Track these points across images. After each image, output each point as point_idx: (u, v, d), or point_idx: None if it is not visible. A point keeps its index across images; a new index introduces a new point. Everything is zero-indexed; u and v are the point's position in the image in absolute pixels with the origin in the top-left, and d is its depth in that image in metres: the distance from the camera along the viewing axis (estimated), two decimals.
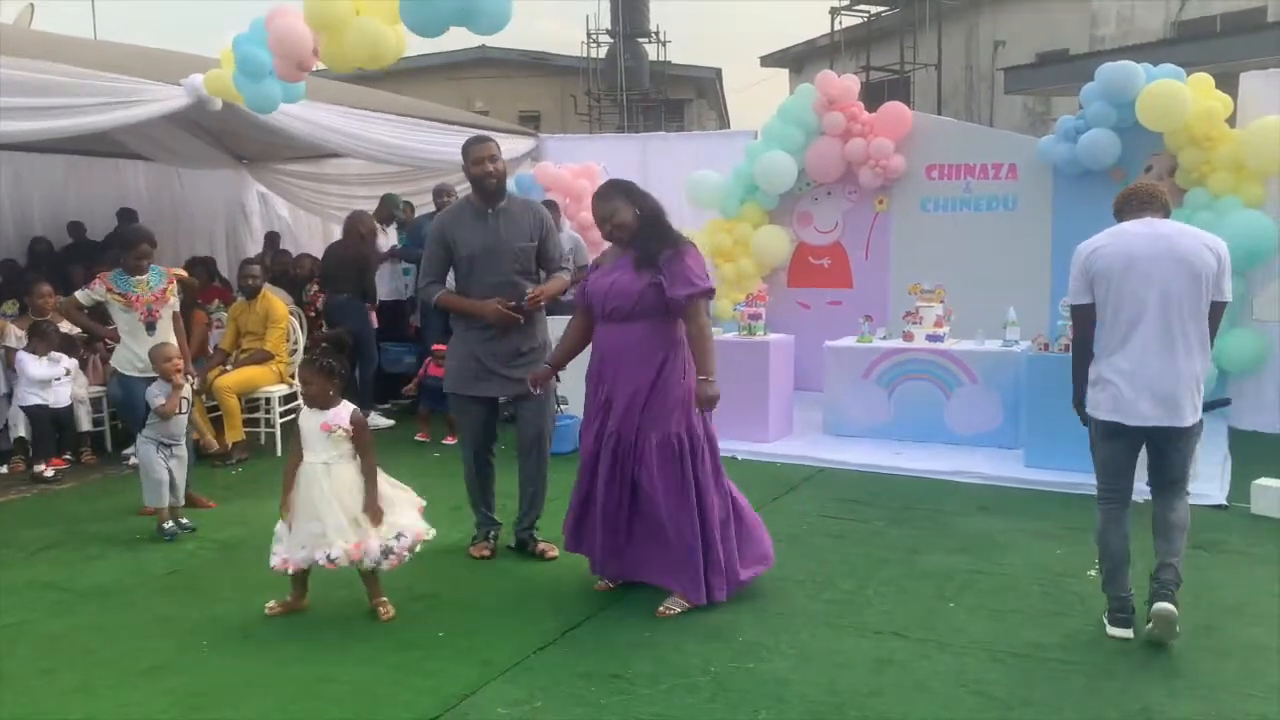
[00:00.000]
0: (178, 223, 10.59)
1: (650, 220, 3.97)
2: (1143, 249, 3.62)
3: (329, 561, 3.76)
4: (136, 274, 5.44)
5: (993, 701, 3.20)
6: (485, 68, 21.09)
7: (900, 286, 7.81)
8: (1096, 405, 3.73)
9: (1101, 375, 3.70)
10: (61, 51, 6.34)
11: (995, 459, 6.19)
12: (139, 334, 5.40)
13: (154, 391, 5.01)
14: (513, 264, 4.45)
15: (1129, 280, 3.60)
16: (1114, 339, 3.66)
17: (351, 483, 3.85)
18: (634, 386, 3.93)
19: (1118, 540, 3.73)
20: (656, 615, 3.88)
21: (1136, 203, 3.80)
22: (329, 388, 3.90)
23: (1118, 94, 7.09)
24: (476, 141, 4.50)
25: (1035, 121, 17.35)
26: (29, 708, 3.23)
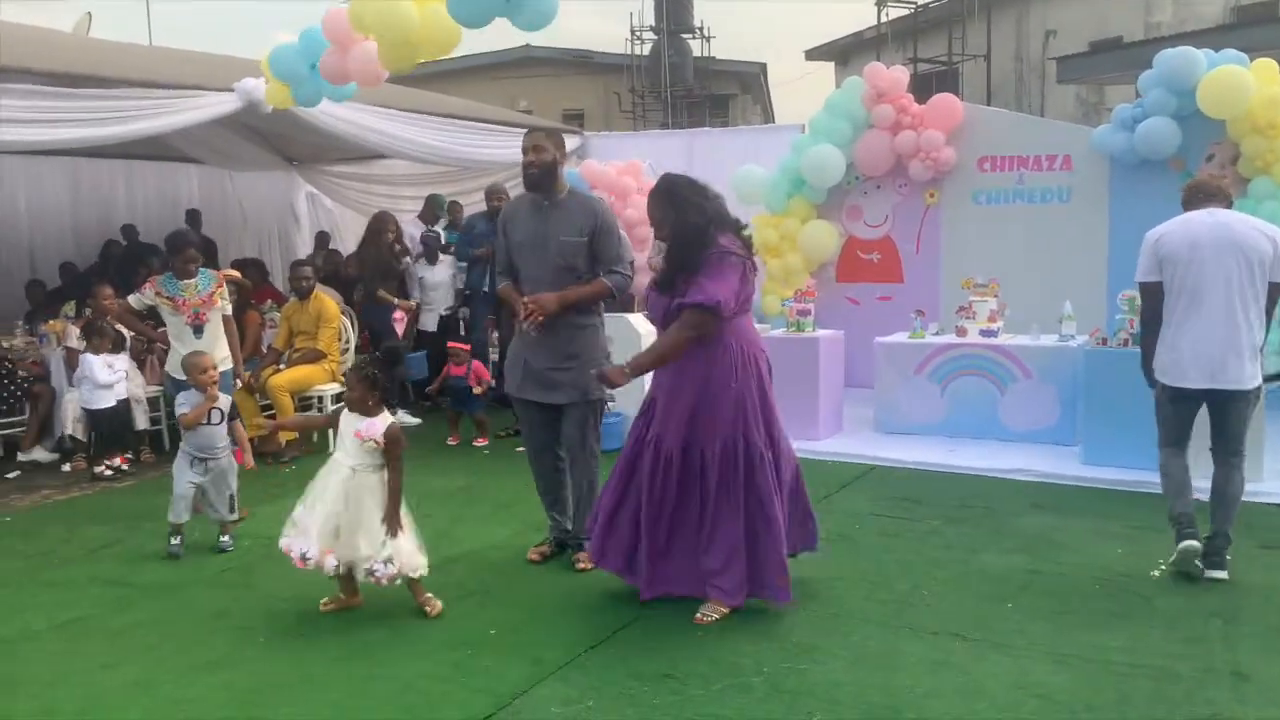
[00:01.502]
0: (229, 224, 10.78)
1: (678, 242, 3.86)
2: (1206, 235, 4.13)
3: (301, 559, 3.81)
4: (185, 278, 5.45)
5: (1054, 705, 3.12)
6: (529, 67, 21.15)
7: (952, 281, 7.68)
8: (1164, 372, 4.24)
9: (1171, 345, 4.20)
10: (117, 58, 6.48)
11: (1052, 456, 6.07)
12: (186, 337, 5.41)
13: (180, 400, 4.82)
14: (556, 258, 4.29)
15: (1194, 263, 4.11)
16: (1180, 314, 4.16)
17: (368, 493, 3.86)
18: (680, 398, 3.85)
19: (1179, 469, 4.30)
20: (694, 622, 3.78)
21: (1203, 195, 4.33)
22: (368, 397, 3.92)
23: (1178, 81, 6.91)
24: (527, 134, 4.45)
25: (1088, 112, 16.98)
26: (92, 701, 3.29)
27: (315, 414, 4.00)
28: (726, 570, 3.83)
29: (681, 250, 3.84)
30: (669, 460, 3.86)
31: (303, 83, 6.05)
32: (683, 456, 3.86)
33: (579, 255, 4.32)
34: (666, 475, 3.87)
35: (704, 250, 3.81)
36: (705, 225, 3.83)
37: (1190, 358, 4.13)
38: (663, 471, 3.87)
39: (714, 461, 3.83)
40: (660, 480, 3.88)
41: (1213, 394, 4.15)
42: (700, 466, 3.85)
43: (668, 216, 3.89)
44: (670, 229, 3.88)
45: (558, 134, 4.56)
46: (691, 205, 3.85)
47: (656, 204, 3.94)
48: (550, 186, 4.36)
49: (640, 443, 3.96)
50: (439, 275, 8.07)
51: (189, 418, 4.71)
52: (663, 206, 3.91)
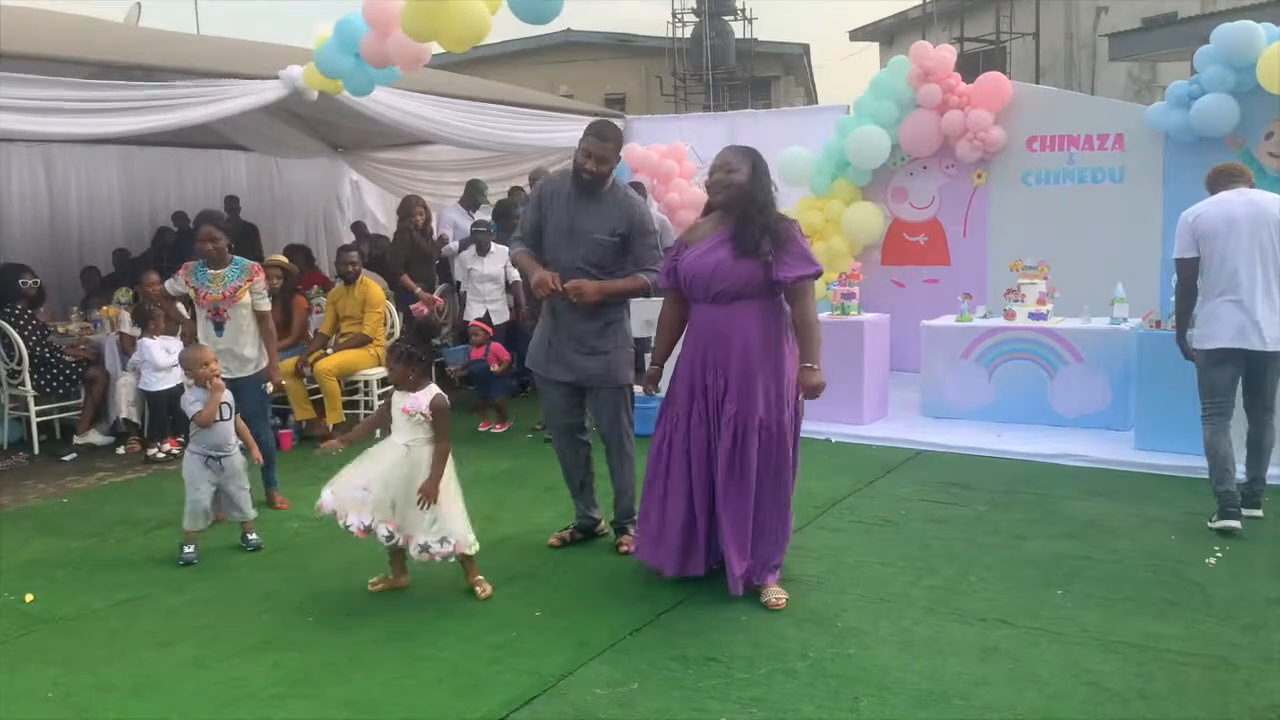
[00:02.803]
0: (275, 211, 10.92)
1: (760, 203, 3.80)
2: (1240, 212, 4.54)
3: (362, 530, 3.84)
4: (217, 266, 5.05)
5: (1106, 693, 3.07)
6: (570, 51, 21.13)
7: (1000, 263, 7.56)
8: (1207, 337, 4.59)
9: (1212, 313, 4.57)
10: (166, 47, 6.58)
11: (1103, 441, 5.96)
12: (209, 332, 5.03)
13: (189, 399, 4.52)
14: (586, 253, 4.23)
15: (1231, 237, 4.51)
16: (1220, 284, 4.53)
17: (422, 469, 3.89)
18: (753, 369, 3.77)
19: (1225, 445, 4.58)
20: (771, 608, 3.75)
21: (1228, 177, 4.73)
22: (408, 372, 3.95)
23: (1236, 56, 6.71)
24: (593, 133, 4.22)
25: (1141, 90, 16.59)
26: (147, 678, 3.36)
27: (369, 417, 4.06)
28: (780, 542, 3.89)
29: (762, 212, 3.78)
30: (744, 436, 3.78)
31: (353, 76, 6.11)
32: (755, 429, 3.78)
33: (609, 253, 4.27)
34: (743, 452, 3.79)
35: (785, 221, 3.83)
36: (774, 200, 3.89)
37: (1232, 323, 4.49)
38: (742, 448, 3.79)
39: (781, 431, 3.83)
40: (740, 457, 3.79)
41: (1252, 355, 4.52)
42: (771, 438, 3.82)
43: (751, 172, 3.81)
44: (754, 186, 3.80)
45: (620, 137, 4.32)
46: (768, 177, 3.88)
47: (739, 153, 3.85)
48: (599, 188, 4.28)
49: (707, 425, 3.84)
50: (489, 268, 7.65)
51: (205, 414, 4.47)
52: (746, 159, 3.83)
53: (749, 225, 3.78)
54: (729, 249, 3.80)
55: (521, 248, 4.46)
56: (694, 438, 3.88)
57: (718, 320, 3.83)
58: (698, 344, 3.90)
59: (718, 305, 3.83)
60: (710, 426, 3.86)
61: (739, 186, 3.80)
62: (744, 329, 3.80)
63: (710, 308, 3.85)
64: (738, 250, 3.77)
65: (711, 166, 3.90)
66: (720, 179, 3.83)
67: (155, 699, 3.22)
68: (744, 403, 3.79)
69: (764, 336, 3.81)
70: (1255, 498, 4.68)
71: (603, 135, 4.21)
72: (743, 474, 3.80)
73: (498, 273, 7.63)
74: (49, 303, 7.99)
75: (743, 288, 3.78)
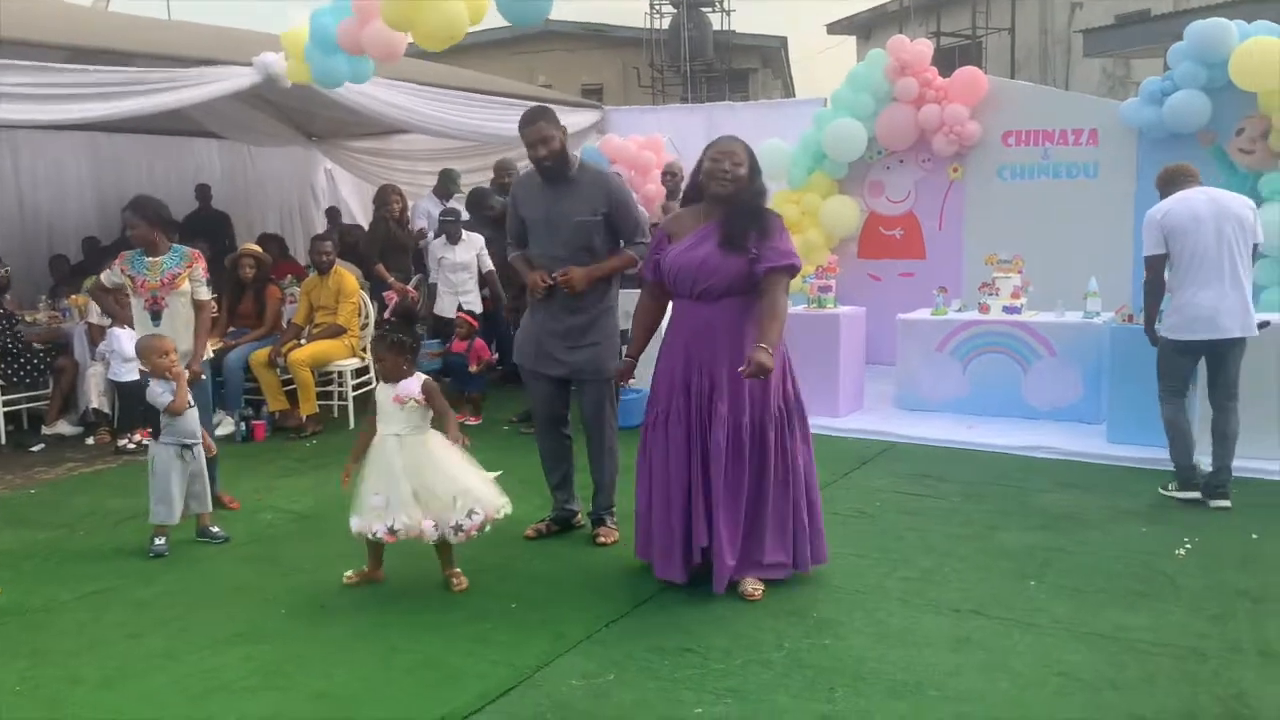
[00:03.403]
0: (249, 199, 10.80)
1: (753, 198, 3.79)
2: (1205, 209, 4.79)
3: (389, 534, 3.79)
4: (155, 253, 4.83)
5: (1078, 683, 3.10)
6: (547, 41, 21.00)
7: (975, 257, 7.60)
8: (1178, 329, 4.82)
9: (1180, 305, 4.79)
10: (136, 32, 6.48)
11: (1076, 434, 6.01)
12: (144, 322, 4.80)
13: (156, 390, 4.39)
14: (571, 237, 4.23)
15: (1199, 233, 4.75)
16: (1190, 278, 4.76)
17: (423, 455, 3.86)
18: (731, 368, 3.69)
19: (1184, 421, 4.92)
20: (747, 598, 3.75)
21: (1183, 177, 4.99)
22: (401, 362, 3.92)
23: (1209, 53, 6.78)
24: (525, 124, 4.21)
25: (1115, 86, 16.75)
26: (117, 670, 3.32)
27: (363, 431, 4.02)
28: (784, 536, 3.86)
29: (754, 206, 3.77)
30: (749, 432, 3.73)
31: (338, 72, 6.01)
32: (751, 428, 3.74)
33: (595, 234, 4.25)
34: (739, 449, 3.73)
35: (774, 216, 3.83)
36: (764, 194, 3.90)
37: (1201, 314, 4.75)
38: (735, 447, 3.73)
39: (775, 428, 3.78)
40: (738, 456, 3.73)
41: (1216, 344, 4.78)
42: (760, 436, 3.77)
43: (751, 168, 3.79)
44: (753, 181, 3.79)
45: (552, 113, 4.27)
46: (761, 175, 3.87)
47: (739, 143, 3.82)
48: (565, 170, 4.26)
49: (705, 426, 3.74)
50: (461, 256, 7.49)
51: (178, 404, 4.37)
52: (746, 154, 3.80)
53: (737, 220, 3.73)
54: (715, 244, 3.73)
55: (515, 253, 4.46)
56: (672, 436, 3.80)
57: (704, 317, 3.76)
58: (682, 341, 3.82)
59: (704, 302, 3.75)
60: (691, 425, 3.77)
61: (743, 180, 3.76)
62: (731, 327, 3.73)
63: (696, 304, 3.77)
64: (724, 245, 3.71)
65: (713, 155, 3.78)
66: (728, 169, 3.73)
67: (125, 691, 3.18)
68: (734, 402, 3.72)
69: (751, 335, 3.72)
70: (1223, 488, 4.78)
71: (531, 121, 4.20)
72: (736, 473, 3.75)
73: (470, 261, 7.47)
74: (16, 292, 7.86)
75: (729, 284, 3.72)
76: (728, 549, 3.75)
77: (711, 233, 3.76)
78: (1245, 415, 5.16)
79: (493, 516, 3.90)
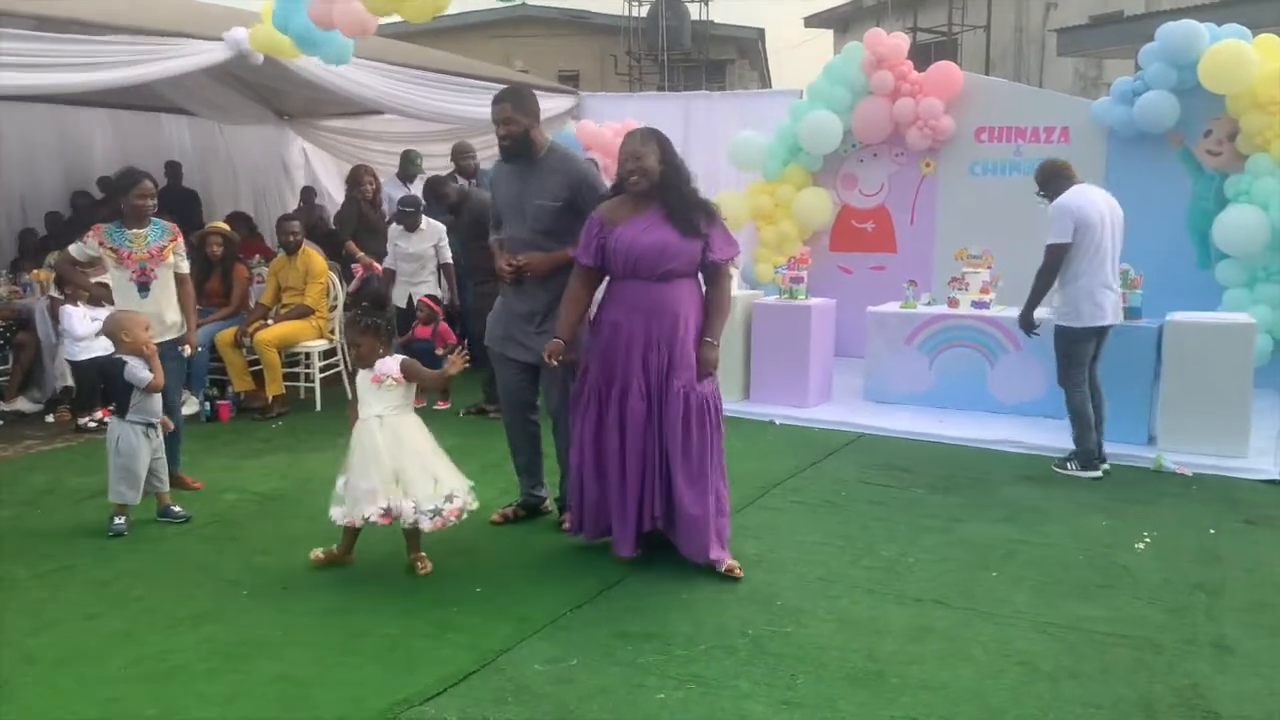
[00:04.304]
0: (220, 178, 10.65)
1: (683, 182, 3.89)
2: (1102, 205, 5.23)
3: (384, 514, 3.77)
4: (136, 225, 4.76)
5: (1037, 673, 3.14)
6: (525, 26, 20.87)
7: (946, 252, 7.65)
8: (1088, 316, 5.20)
9: (1086, 293, 5.17)
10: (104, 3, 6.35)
11: (1039, 428, 6.07)
12: (130, 295, 4.71)
13: (136, 367, 4.34)
14: (532, 221, 4.21)
15: (1101, 227, 5.16)
16: (1095, 269, 5.16)
17: (406, 437, 3.86)
18: (682, 344, 3.86)
19: (1088, 407, 5.29)
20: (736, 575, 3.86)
21: (1069, 173, 5.35)
22: (377, 345, 3.92)
23: (1179, 54, 6.85)
24: (494, 102, 4.24)
25: (1087, 85, 16.87)
26: (73, 651, 3.28)
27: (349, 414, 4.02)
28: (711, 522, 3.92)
29: (689, 190, 3.90)
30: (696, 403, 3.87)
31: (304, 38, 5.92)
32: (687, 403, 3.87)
33: (557, 219, 4.21)
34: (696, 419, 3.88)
35: (711, 206, 3.96)
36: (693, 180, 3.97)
37: (1108, 304, 5.20)
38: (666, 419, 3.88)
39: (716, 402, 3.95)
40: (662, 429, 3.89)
41: (1105, 330, 5.29)
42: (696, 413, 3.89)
43: (659, 155, 3.85)
44: (665, 166, 3.85)
45: (526, 98, 4.25)
46: (676, 154, 3.93)
47: (642, 140, 3.87)
48: (527, 153, 4.25)
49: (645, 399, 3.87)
50: (415, 246, 6.99)
51: (158, 380, 4.36)
52: (650, 142, 3.87)
53: (687, 205, 3.87)
54: (671, 228, 3.85)
55: (494, 237, 4.46)
56: (633, 413, 3.88)
57: (659, 297, 3.85)
58: (641, 319, 3.87)
59: (661, 283, 3.86)
60: (650, 400, 3.89)
61: (652, 171, 3.85)
62: (683, 304, 3.88)
63: (650, 285, 3.86)
64: (680, 230, 3.84)
65: (620, 160, 3.91)
66: (634, 168, 3.83)
67: (81, 672, 3.14)
68: (687, 375, 3.87)
69: (697, 312, 3.93)
70: (1104, 458, 5.31)
71: (498, 100, 4.24)
72: (697, 442, 3.87)
73: (423, 251, 7.04)
74: None
75: (685, 266, 3.89)
76: (699, 520, 3.88)
77: (661, 218, 3.86)
78: (1214, 415, 5.42)
79: (469, 506, 3.92)
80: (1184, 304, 6.09)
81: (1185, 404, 5.51)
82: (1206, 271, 7.04)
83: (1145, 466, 5.39)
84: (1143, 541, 4.30)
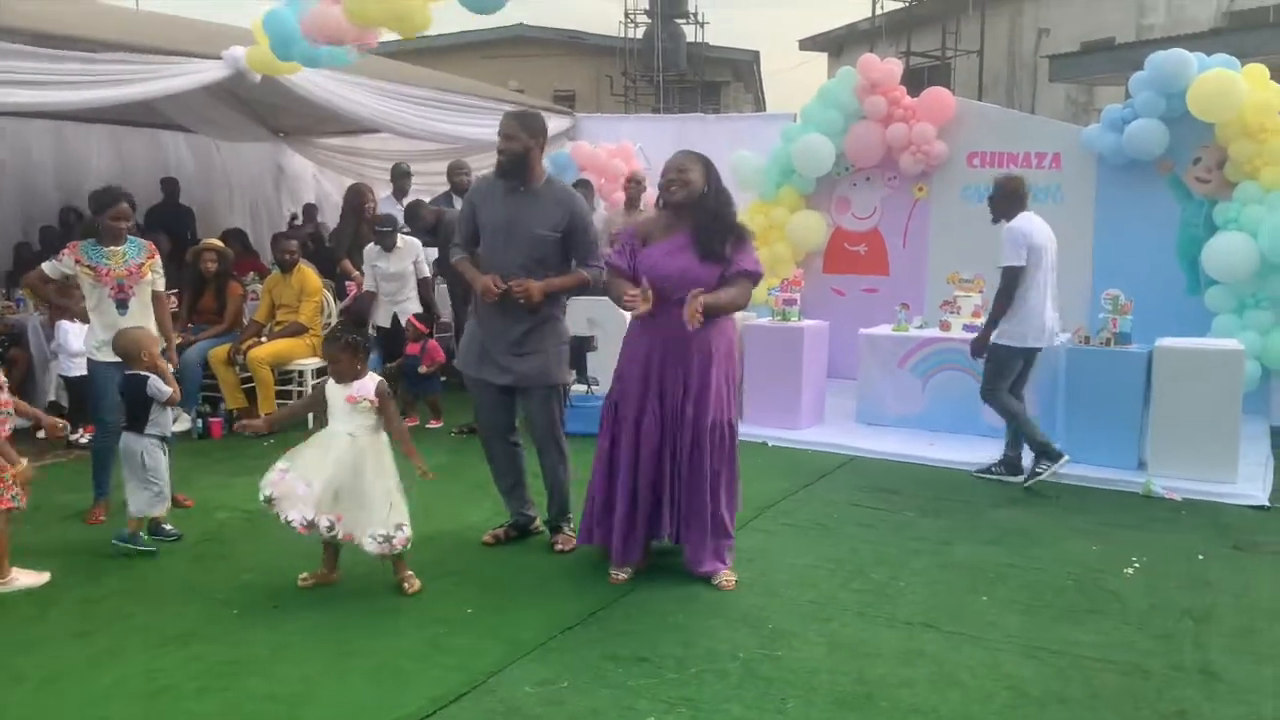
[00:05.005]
0: (216, 194, 10.67)
1: (721, 206, 3.95)
2: (1046, 231, 5.54)
3: (305, 526, 3.76)
4: (112, 243, 4.75)
5: (1025, 698, 3.15)
6: (521, 46, 21.01)
7: (938, 275, 7.70)
8: (1023, 336, 5.47)
9: (1026, 315, 5.44)
10: (103, 21, 6.38)
11: (1030, 453, 6.07)
12: (108, 312, 4.70)
13: (158, 383, 4.40)
14: (528, 249, 4.19)
15: (1046, 251, 5.47)
16: (1041, 293, 5.45)
17: (369, 459, 3.83)
18: (710, 373, 3.94)
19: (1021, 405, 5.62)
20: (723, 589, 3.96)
21: (1025, 196, 5.60)
22: (355, 362, 3.93)
23: (1168, 83, 6.93)
24: (504, 117, 4.29)
25: (1078, 112, 17.03)
26: (61, 670, 3.26)
27: (297, 401, 3.99)
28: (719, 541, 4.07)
29: (723, 215, 3.95)
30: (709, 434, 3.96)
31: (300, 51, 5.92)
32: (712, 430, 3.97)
33: (551, 249, 4.25)
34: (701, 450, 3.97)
35: (743, 228, 4.03)
36: (735, 209, 4.06)
37: (1046, 325, 5.48)
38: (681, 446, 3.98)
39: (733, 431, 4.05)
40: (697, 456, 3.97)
41: (1036, 352, 5.58)
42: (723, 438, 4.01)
43: (705, 176, 3.94)
44: (709, 188, 3.93)
45: (534, 120, 4.27)
46: (721, 181, 4.01)
47: (690, 157, 3.98)
48: (523, 175, 4.24)
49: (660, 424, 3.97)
50: (395, 265, 7.01)
51: (177, 393, 4.48)
52: (698, 163, 3.97)
53: (713, 228, 3.91)
54: (693, 253, 3.90)
55: (460, 254, 4.42)
56: (646, 435, 3.96)
57: (680, 323, 3.82)
58: (655, 344, 3.96)
59: (681, 308, 3.84)
60: (665, 426, 3.97)
61: (694, 185, 3.90)
62: (704, 333, 3.88)
63: (673, 308, 3.87)
64: (701, 253, 3.89)
65: (663, 171, 4.00)
66: (675, 178, 3.94)
67: (69, 691, 3.13)
68: (700, 405, 3.94)
69: (720, 341, 3.97)
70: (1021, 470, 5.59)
71: (508, 116, 4.29)
72: (699, 472, 3.96)
73: (404, 270, 7.04)
74: None
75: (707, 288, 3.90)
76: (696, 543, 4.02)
77: (687, 242, 3.93)
78: (1203, 441, 5.45)
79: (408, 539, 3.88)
80: (1174, 330, 6.13)
81: (1175, 429, 5.54)
82: (1196, 297, 7.10)
83: (1135, 491, 5.41)
84: (1131, 566, 4.31)
